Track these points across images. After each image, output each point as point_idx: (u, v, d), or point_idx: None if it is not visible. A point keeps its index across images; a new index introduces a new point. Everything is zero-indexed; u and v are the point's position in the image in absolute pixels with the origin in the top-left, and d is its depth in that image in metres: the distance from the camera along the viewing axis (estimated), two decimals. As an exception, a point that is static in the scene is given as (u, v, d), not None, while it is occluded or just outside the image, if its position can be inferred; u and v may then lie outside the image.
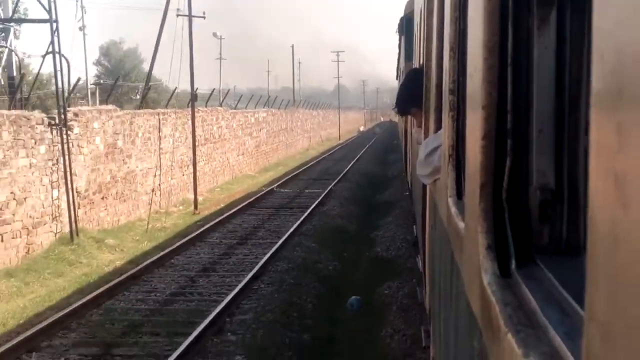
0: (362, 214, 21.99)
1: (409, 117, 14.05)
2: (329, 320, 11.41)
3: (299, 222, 19.21)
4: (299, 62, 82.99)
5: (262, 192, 26.36)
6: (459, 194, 2.83)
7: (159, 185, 22.57)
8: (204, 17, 28.85)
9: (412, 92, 5.68)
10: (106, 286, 12.51)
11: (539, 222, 1.66)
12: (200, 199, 23.89)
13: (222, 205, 24.02)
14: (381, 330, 10.56)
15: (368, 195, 26.37)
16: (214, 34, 61.90)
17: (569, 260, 1.59)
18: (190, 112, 24.73)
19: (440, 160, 3.51)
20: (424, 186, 6.69)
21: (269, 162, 40.68)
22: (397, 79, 31.68)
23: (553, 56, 1.66)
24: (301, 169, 36.39)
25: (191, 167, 24.67)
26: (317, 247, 16.35)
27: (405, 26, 14.93)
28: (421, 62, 7.23)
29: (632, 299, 0.67)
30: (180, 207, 23.63)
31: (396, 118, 78.62)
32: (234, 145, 33.27)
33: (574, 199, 1.65)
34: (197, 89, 25.36)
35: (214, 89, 38.83)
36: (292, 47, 79.05)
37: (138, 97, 25.78)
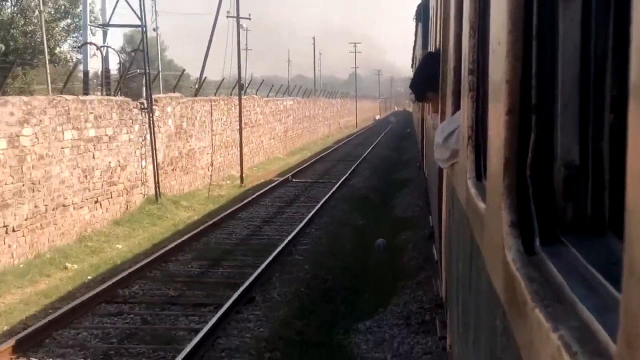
0: (382, 187, 26.14)
1: (426, 106, 14.01)
2: (363, 253, 15.68)
3: (331, 191, 23.49)
4: (320, 53, 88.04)
5: (296, 170, 30.57)
6: (479, 175, 2.81)
7: (212, 162, 26.55)
8: (250, 19, 32.50)
9: (428, 76, 5.63)
10: (198, 229, 17.06)
11: (564, 199, 1.63)
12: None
13: (263, 180, 28.00)
14: (400, 258, 14.50)
15: (386, 174, 30.51)
16: (241, 26, 65.28)
17: (593, 238, 1.56)
18: (238, 100, 28.59)
19: (458, 143, 3.48)
20: (440, 174, 6.65)
21: (295, 146, 43.84)
22: (412, 67, 31.61)
23: (579, 29, 1.62)
24: (325, 153, 40.76)
25: (234, 147, 29.07)
26: (349, 208, 20.60)
27: (423, 13, 14.87)
28: (437, 46, 7.18)
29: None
30: (228, 181, 27.49)
31: (410, 107, 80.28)
32: (266, 129, 36.74)
33: (598, 176, 1.61)
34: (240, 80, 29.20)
35: (251, 79, 42.40)
36: (314, 39, 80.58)
37: (195, 86, 30.64)
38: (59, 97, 16.00)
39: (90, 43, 27.93)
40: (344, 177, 27.39)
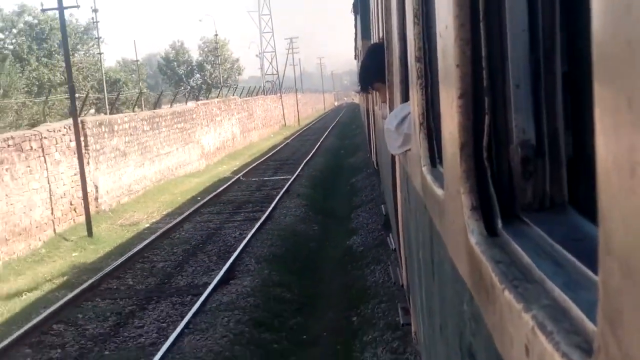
0: (349, 122, 66.31)
1: (372, 97, 14.00)
2: (350, 126, 59.83)
3: (335, 122, 67.45)
4: (301, 66, 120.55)
5: (323, 117, 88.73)
6: (433, 162, 2.80)
7: (292, 116, 74.11)
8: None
9: (374, 66, 5.64)
10: (304, 129, 62.43)
11: (522, 179, 1.63)
12: (294, 123, 71.98)
13: (305, 123, 71.08)
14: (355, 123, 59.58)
15: (351, 120, 68.31)
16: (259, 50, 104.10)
17: (555, 215, 1.56)
18: (295, 95, 79.09)
19: (411, 128, 3.47)
20: (393, 162, 6.66)
21: (303, 116, 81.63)
22: (355, 58, 31.71)
23: (525, 9, 1.61)
24: (321, 118, 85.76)
25: (294, 113, 75.11)
26: (342, 122, 68.17)
27: (360, 5, 14.84)
28: (380, 36, 7.19)
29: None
30: (294, 123, 71.31)
31: (356, 99, 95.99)
32: (301, 105, 79.65)
33: (555, 154, 1.61)
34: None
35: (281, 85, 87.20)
36: (297, 57, 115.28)
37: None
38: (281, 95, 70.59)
39: (269, 80, 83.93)
40: (336, 120, 70.71)
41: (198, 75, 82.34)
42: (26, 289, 13.44)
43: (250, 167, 30.25)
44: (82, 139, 18.88)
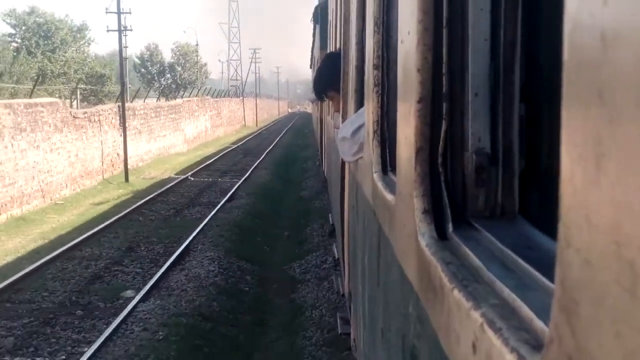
0: (303, 122, 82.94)
1: (325, 107, 14.04)
2: (305, 121, 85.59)
3: (291, 124, 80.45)
4: (260, 73, 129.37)
5: (278, 121, 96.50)
6: (385, 168, 2.82)
7: (251, 119, 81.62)
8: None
9: (329, 75, 5.64)
10: (264, 128, 73.19)
11: (475, 186, 1.64)
12: (253, 124, 78.20)
13: (263, 125, 78.62)
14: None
15: (304, 122, 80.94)
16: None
17: (505, 223, 1.58)
18: (255, 98, 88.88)
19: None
20: (342, 171, 6.68)
21: (261, 119, 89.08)
22: (311, 67, 31.80)
23: (488, 18, 1.64)
24: (277, 121, 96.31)
25: (253, 114, 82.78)
26: (297, 125, 78.70)
27: (321, 15, 14.88)
28: (337, 46, 7.21)
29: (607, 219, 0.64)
30: (252, 125, 76.33)
31: (309, 108, 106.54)
32: (258, 109, 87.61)
33: (508, 164, 1.64)
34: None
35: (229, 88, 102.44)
36: (258, 65, 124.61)
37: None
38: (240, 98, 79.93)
39: (233, 85, 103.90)
40: (291, 123, 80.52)
41: (169, 75, 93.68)
42: (108, 200, 21.96)
43: (224, 152, 39.27)
44: (119, 119, 27.82)
